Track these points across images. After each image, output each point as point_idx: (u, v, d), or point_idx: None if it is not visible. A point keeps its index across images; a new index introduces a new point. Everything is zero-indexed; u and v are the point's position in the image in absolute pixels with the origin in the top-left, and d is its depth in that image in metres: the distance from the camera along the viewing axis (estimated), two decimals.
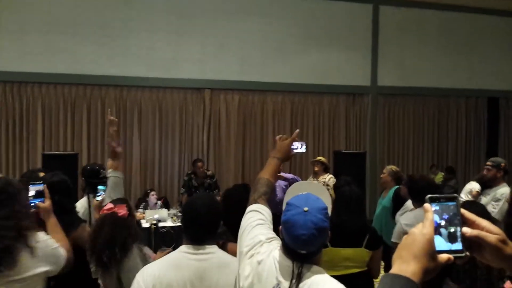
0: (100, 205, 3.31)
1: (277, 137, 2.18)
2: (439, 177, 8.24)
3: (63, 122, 7.49)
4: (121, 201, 2.69)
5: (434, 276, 0.85)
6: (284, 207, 1.71)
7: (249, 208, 1.88)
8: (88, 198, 3.72)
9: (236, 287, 1.71)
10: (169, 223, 5.98)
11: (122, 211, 2.56)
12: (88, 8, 7.47)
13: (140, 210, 6.38)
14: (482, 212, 3.02)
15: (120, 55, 7.59)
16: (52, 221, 2.33)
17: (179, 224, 5.63)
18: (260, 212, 1.84)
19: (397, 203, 4.39)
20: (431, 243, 0.84)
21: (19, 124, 7.32)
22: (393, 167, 4.95)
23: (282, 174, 6.50)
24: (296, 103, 8.51)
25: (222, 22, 8.02)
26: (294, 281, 1.55)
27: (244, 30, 8.12)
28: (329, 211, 1.72)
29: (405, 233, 3.08)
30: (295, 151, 2.22)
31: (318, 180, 6.41)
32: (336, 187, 3.09)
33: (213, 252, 1.92)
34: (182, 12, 7.86)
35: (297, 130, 2.25)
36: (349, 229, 2.85)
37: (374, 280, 3.00)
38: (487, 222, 0.88)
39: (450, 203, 0.89)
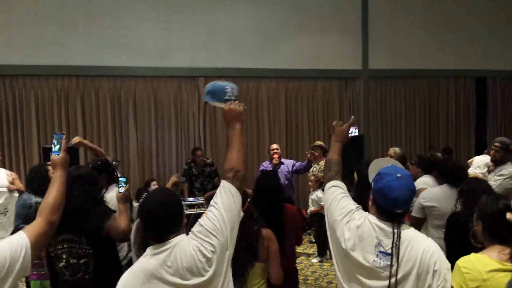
0: (124, 196, 3.33)
1: (334, 123, 2.48)
2: None
3: (57, 115, 7.40)
4: None
5: None
6: (371, 178, 2.11)
7: (329, 184, 2.21)
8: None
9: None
10: None
11: None
12: None
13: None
14: (487, 188, 3.13)
15: (110, 45, 7.52)
16: (56, 175, 2.06)
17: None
18: (340, 187, 2.17)
19: None
20: None
21: (13, 118, 7.22)
22: (398, 149, 5.07)
23: (283, 160, 6.59)
24: (290, 89, 8.53)
25: (212, 8, 7.97)
26: (396, 238, 1.87)
27: (234, 16, 8.08)
28: None
29: (423, 208, 3.23)
30: (351, 134, 2.52)
31: (318, 165, 6.50)
32: (357, 171, 3.16)
33: (174, 244, 1.83)
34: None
35: (353, 117, 2.56)
36: None
37: None
38: None
39: None
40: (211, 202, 1.93)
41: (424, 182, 4.27)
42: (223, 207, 1.89)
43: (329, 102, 8.76)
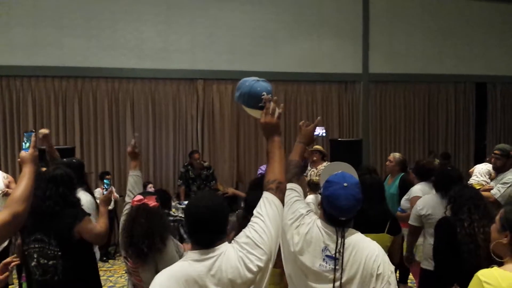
0: (105, 199, 3.28)
1: (301, 123, 2.45)
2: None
3: (55, 116, 7.36)
4: (149, 193, 2.70)
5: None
6: (322, 182, 2.14)
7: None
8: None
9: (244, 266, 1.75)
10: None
11: (152, 202, 2.55)
12: (74, 0, 7.34)
13: None
14: (474, 195, 3.08)
15: (109, 47, 7.49)
16: (24, 170, 2.06)
17: (179, 215, 5.59)
18: (295, 190, 2.20)
19: (405, 189, 4.47)
20: None
21: (10, 119, 7.18)
22: (398, 154, 5.02)
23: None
24: (289, 92, 8.50)
25: (211, 11, 7.95)
26: (340, 242, 1.96)
27: (233, 19, 8.06)
28: None
29: (420, 216, 3.17)
30: (317, 135, 2.44)
31: (316, 169, 6.45)
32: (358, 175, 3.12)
33: (220, 253, 1.76)
34: (170, 1, 7.76)
35: (319, 118, 2.55)
36: (371, 216, 2.89)
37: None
38: None
39: None
40: (255, 212, 1.86)
41: (420, 189, 4.25)
42: (269, 219, 1.83)
43: (329, 106, 8.72)
